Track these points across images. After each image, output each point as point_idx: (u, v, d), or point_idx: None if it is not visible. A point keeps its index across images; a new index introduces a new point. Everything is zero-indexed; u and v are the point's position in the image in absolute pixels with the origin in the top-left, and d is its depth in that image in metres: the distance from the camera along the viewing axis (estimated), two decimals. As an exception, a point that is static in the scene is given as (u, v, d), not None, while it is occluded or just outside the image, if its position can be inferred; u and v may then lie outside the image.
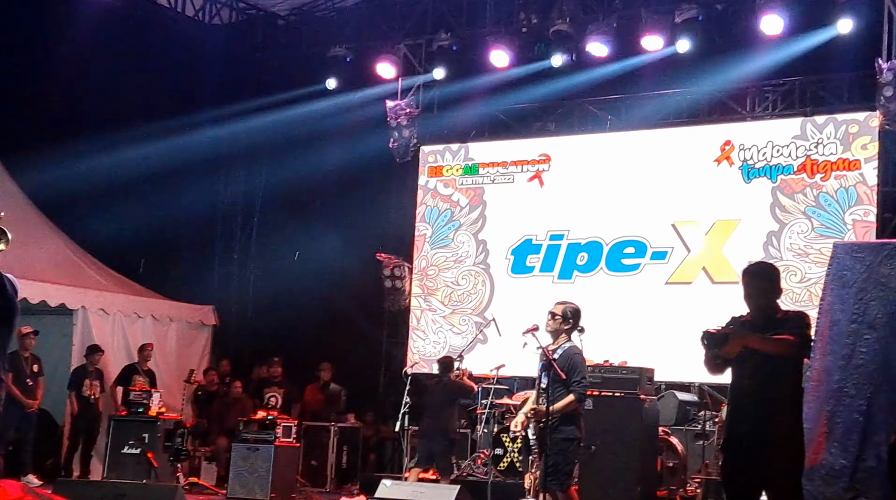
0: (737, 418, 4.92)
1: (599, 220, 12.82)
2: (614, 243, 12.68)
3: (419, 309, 13.92)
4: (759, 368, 4.79)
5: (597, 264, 12.75)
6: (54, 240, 13.13)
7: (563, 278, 12.94)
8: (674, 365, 11.87)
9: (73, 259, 13.25)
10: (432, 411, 10.63)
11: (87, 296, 12.69)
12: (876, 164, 11.32)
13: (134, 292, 13.68)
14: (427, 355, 13.53)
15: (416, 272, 14.01)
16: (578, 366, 7.27)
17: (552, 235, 13.11)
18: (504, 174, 13.61)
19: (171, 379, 13.33)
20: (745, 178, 12.02)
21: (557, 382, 7.08)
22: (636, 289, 12.45)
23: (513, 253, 13.40)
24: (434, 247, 13.96)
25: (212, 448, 12.90)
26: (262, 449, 11.18)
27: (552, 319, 7.40)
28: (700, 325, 12.66)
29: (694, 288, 12.15)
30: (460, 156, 13.97)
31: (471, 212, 13.78)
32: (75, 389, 12.16)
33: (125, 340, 13.04)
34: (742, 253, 11.93)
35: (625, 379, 10.31)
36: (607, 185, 12.85)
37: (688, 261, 12.24)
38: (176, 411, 12.44)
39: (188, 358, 13.90)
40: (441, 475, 10.34)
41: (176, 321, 13.94)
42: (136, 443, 11.32)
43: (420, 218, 14.10)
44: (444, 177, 14.03)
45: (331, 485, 12.74)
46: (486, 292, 13.50)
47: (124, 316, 13.18)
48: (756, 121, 12.22)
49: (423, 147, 14.23)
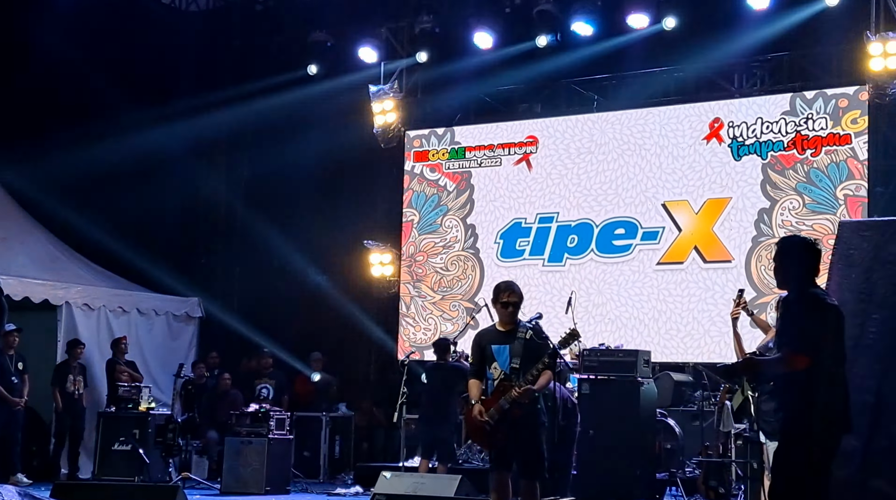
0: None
1: (589, 201, 12.71)
2: (604, 225, 12.58)
3: (408, 296, 13.79)
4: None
5: (587, 246, 12.65)
6: (35, 235, 12.92)
7: (554, 261, 12.84)
8: (668, 346, 11.87)
9: (56, 254, 13.04)
10: (431, 397, 10.51)
11: (70, 291, 12.49)
12: (866, 138, 11.25)
13: (118, 286, 13.49)
14: (418, 342, 13.42)
15: (404, 259, 13.87)
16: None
17: (541, 218, 12.99)
18: (491, 157, 13.47)
19: (160, 373, 13.18)
20: (734, 155, 11.94)
21: (530, 362, 6.95)
22: (628, 270, 12.37)
23: (502, 237, 13.28)
24: (422, 233, 13.82)
25: (203, 442, 12.74)
26: (256, 442, 11.04)
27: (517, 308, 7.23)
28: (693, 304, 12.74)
29: (686, 268, 12.08)
30: (446, 140, 13.82)
31: (458, 196, 13.64)
32: (59, 385, 11.98)
33: (111, 334, 12.84)
34: (733, 232, 11.89)
35: (621, 362, 10.25)
36: (596, 166, 12.74)
37: (679, 240, 12.16)
38: (165, 405, 12.28)
39: (175, 352, 13.73)
40: (443, 463, 10.22)
41: (162, 315, 13.77)
42: (127, 439, 11.17)
43: (407, 204, 13.95)
44: (431, 161, 13.88)
45: (324, 476, 12.63)
46: (476, 277, 13.39)
47: (109, 311, 13.00)
48: (745, 97, 12.11)
49: (408, 132, 14.05)
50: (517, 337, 7.06)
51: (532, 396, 6.97)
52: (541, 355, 6.99)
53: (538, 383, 6.97)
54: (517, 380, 6.96)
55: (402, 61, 13.96)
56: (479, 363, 7.23)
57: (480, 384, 7.16)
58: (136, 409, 11.58)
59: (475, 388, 7.16)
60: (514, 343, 7.04)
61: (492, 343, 7.18)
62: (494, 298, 7.26)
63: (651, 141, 12.45)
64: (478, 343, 7.33)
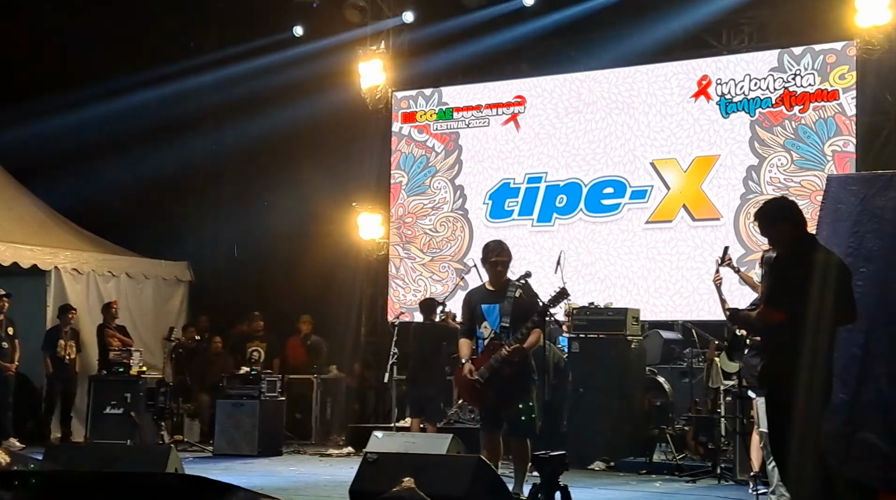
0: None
1: (577, 161, 12.68)
2: (593, 184, 12.56)
3: (398, 258, 13.78)
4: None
5: (576, 206, 12.64)
6: (23, 201, 12.88)
7: (543, 221, 12.83)
8: (657, 304, 11.90)
9: (44, 219, 13.01)
10: (418, 357, 10.57)
11: (59, 256, 12.47)
12: (854, 93, 11.22)
13: (107, 250, 13.46)
14: (408, 304, 13.42)
15: (393, 221, 13.84)
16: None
17: (530, 178, 12.97)
18: (479, 118, 13.41)
19: (150, 337, 13.19)
20: (723, 113, 11.91)
21: (520, 321, 6.98)
22: (617, 229, 12.37)
23: (490, 197, 13.25)
24: (410, 194, 13.78)
25: (194, 405, 12.79)
26: (247, 404, 11.10)
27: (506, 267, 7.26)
28: (682, 262, 12.75)
29: (674, 226, 12.09)
30: (433, 101, 13.74)
31: (446, 157, 13.60)
32: (50, 350, 11.98)
33: (100, 299, 12.84)
34: (722, 189, 11.89)
35: (610, 321, 10.33)
36: (584, 125, 12.69)
37: (668, 199, 12.15)
38: (156, 369, 12.30)
39: (165, 315, 13.76)
40: (430, 422, 10.28)
41: (151, 278, 13.77)
42: (119, 403, 11.19)
43: (395, 165, 13.90)
44: (418, 123, 13.81)
45: (316, 437, 12.70)
46: (465, 238, 13.38)
47: (98, 275, 13.00)
48: (733, 54, 12.05)
49: (396, 93, 13.97)
50: (507, 296, 7.09)
51: (522, 354, 7.01)
52: (531, 314, 7.03)
53: (528, 341, 7.02)
54: (507, 339, 7.00)
55: (389, 21, 13.86)
56: (470, 322, 7.26)
57: (471, 343, 7.20)
58: (126, 373, 11.58)
59: (465, 347, 7.20)
60: (504, 302, 7.08)
61: (482, 302, 7.21)
62: (484, 257, 7.28)
63: (639, 99, 12.40)
64: (468, 303, 7.36)
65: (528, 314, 7.02)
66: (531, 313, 7.03)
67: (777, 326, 5.17)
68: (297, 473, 9.44)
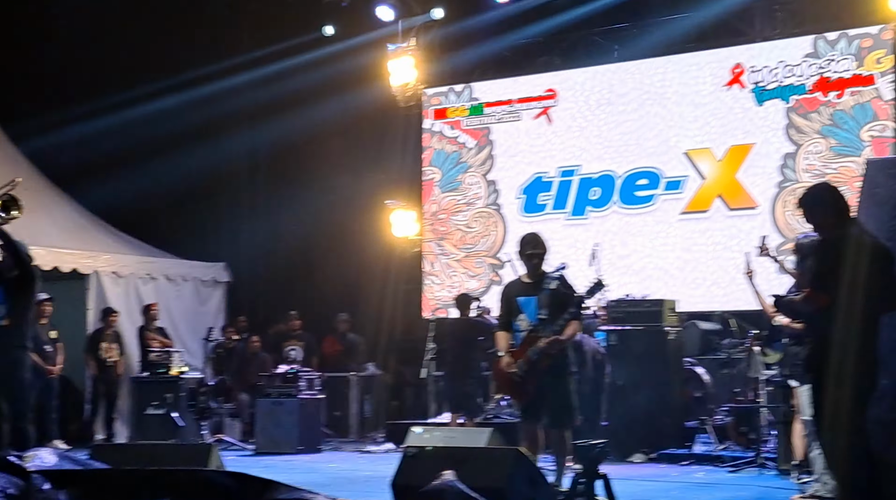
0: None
1: (610, 153, 12.64)
2: (627, 175, 12.52)
3: (432, 254, 13.81)
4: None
5: (610, 198, 12.60)
6: (62, 206, 13.03)
7: (577, 214, 12.81)
8: (694, 295, 11.82)
9: (83, 224, 13.16)
10: (455, 352, 10.58)
11: (98, 260, 12.60)
12: (891, 77, 11.09)
13: (145, 253, 13.58)
14: (443, 300, 13.44)
15: (426, 217, 13.87)
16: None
17: (563, 172, 12.94)
18: (510, 113, 13.40)
19: (189, 338, 13.28)
20: (757, 100, 11.81)
21: (557, 313, 6.97)
22: (651, 220, 12.32)
23: (524, 192, 13.25)
24: (444, 190, 13.80)
25: (234, 404, 12.88)
26: (287, 403, 11.16)
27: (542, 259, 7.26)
28: (719, 253, 12.68)
29: (710, 216, 12.02)
30: (465, 96, 13.75)
31: (478, 153, 13.60)
32: (92, 352, 12.12)
33: (139, 301, 12.95)
34: (757, 178, 11.80)
35: (647, 312, 10.28)
36: (617, 116, 12.65)
37: (703, 189, 12.08)
38: (196, 369, 12.40)
39: (204, 316, 13.83)
40: (468, 417, 10.29)
41: (189, 280, 13.87)
42: (160, 404, 11.30)
43: (427, 162, 13.93)
44: (450, 119, 13.83)
45: (355, 434, 12.75)
46: (499, 234, 13.38)
47: (137, 278, 13.10)
48: (766, 41, 11.94)
49: (426, 90, 14.00)
50: (543, 288, 7.08)
51: (560, 346, 7.00)
52: (567, 305, 7.01)
53: (565, 333, 7.01)
54: (545, 331, 6.99)
55: (418, 18, 13.88)
56: (507, 315, 7.26)
57: (508, 336, 7.20)
58: (167, 374, 11.69)
59: (503, 340, 7.20)
60: (541, 294, 7.07)
61: (518, 295, 7.21)
62: (520, 250, 7.27)
63: (672, 89, 12.34)
64: (505, 296, 7.36)
65: (565, 306, 7.01)
66: (568, 305, 7.02)
67: (822, 311, 5.15)
68: (337, 469, 9.49)
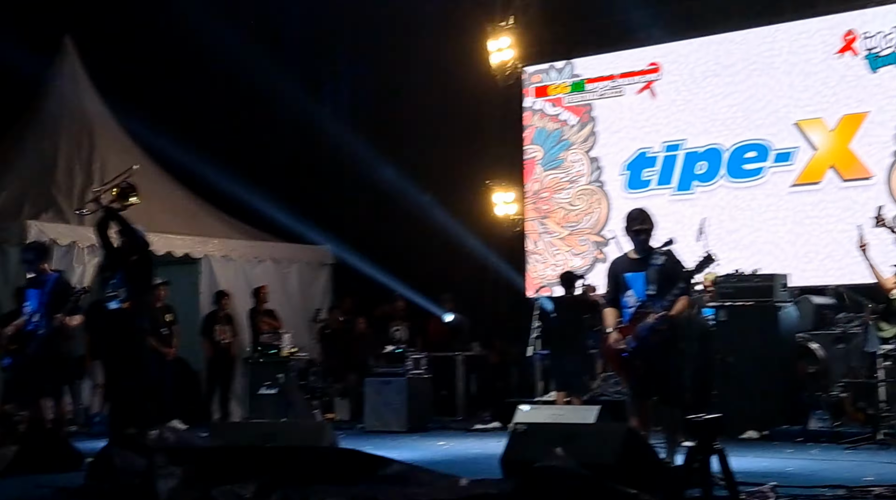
0: None
1: (717, 126, 12.38)
2: (734, 148, 12.24)
3: (535, 233, 13.76)
4: None
5: (717, 172, 12.35)
6: (174, 192, 13.39)
7: (682, 189, 12.59)
8: (807, 269, 11.52)
9: (194, 209, 13.50)
10: (560, 330, 10.53)
11: (209, 244, 12.92)
12: None
13: (253, 237, 13.87)
14: (547, 278, 13.38)
15: (529, 196, 13.82)
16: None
17: (668, 146, 12.73)
18: (613, 88, 13.24)
19: (297, 319, 13.51)
20: (870, 68, 11.40)
21: (666, 288, 6.85)
22: (761, 194, 12.04)
23: (628, 168, 13.08)
24: (546, 169, 13.73)
25: (343, 384, 13.09)
26: (395, 382, 11.28)
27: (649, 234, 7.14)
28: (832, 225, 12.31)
29: (822, 188, 11.68)
30: (566, 73, 13.63)
31: (581, 130, 13.48)
32: (207, 335, 12.45)
33: (248, 284, 13.21)
34: (872, 147, 11.42)
35: (757, 287, 10.06)
36: (723, 89, 12.37)
37: (814, 160, 11.75)
38: (305, 350, 12.63)
39: (311, 298, 14.08)
40: (575, 395, 10.25)
41: (295, 263, 14.10)
42: (272, 384, 11.55)
43: (529, 141, 13.86)
44: (551, 96, 13.73)
45: (462, 413, 12.82)
46: (603, 211, 13.25)
47: (246, 261, 13.39)
48: (880, 6, 11.50)
49: (526, 68, 13.92)
50: (651, 264, 6.99)
51: (669, 321, 6.90)
52: (676, 281, 6.91)
53: (675, 308, 6.91)
54: (653, 307, 6.90)
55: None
56: (614, 292, 7.20)
57: (616, 313, 7.13)
58: (278, 355, 11.95)
59: (611, 316, 7.14)
60: (649, 270, 6.98)
61: (625, 271, 7.13)
62: (627, 226, 7.19)
63: (780, 58, 12.00)
64: (612, 272, 7.29)
65: (673, 281, 6.90)
66: (676, 281, 6.91)
67: None
68: (446, 447, 9.56)
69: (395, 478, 5.66)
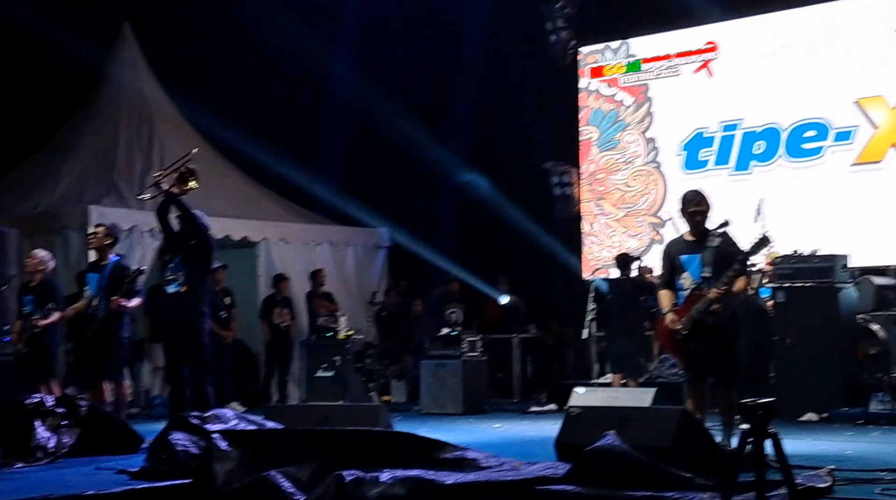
0: None
1: (775, 105, 12.19)
2: (793, 128, 12.06)
3: (591, 214, 13.70)
4: None
5: (775, 152, 12.18)
6: (231, 176, 13.55)
7: (740, 169, 12.45)
8: (868, 250, 11.30)
9: (251, 193, 13.65)
10: (616, 312, 10.51)
11: (267, 228, 13.07)
12: None
13: (310, 220, 14.00)
14: (603, 260, 13.33)
15: (584, 177, 13.76)
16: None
17: (725, 126, 12.58)
18: (669, 68, 13.10)
19: (354, 302, 13.62)
20: (934, 43, 11.15)
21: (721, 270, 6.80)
22: (820, 173, 11.85)
23: (685, 148, 12.95)
24: (602, 150, 13.65)
25: (399, 366, 13.19)
26: (450, 364, 11.32)
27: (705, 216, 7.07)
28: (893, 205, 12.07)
29: (884, 167, 11.46)
30: (621, 53, 13.52)
31: (636, 110, 13.37)
32: (266, 318, 12.59)
33: (305, 267, 13.34)
34: (936, 125, 11.17)
35: (817, 268, 9.92)
36: (781, 67, 12.18)
37: (875, 139, 11.52)
38: (361, 332, 12.73)
39: (367, 281, 14.17)
40: (631, 378, 10.23)
41: (352, 246, 14.20)
42: (329, 366, 11.67)
43: (584, 122, 13.79)
44: (606, 77, 13.63)
45: (518, 395, 12.85)
46: (660, 192, 13.14)
47: (303, 244, 13.51)
48: (944, -20, 11.25)
49: (582, 48, 13.83)
50: (707, 246, 6.95)
51: (726, 301, 6.86)
52: (731, 263, 6.85)
53: (735, 287, 6.86)
54: (709, 289, 6.86)
55: (572, -23, 13.69)
56: (669, 274, 7.16)
57: (671, 295, 7.10)
58: (335, 337, 12.06)
59: (666, 298, 7.11)
60: (705, 252, 6.93)
61: (681, 253, 7.09)
62: (682, 208, 7.14)
63: (841, 36, 11.78)
64: (667, 254, 7.25)
65: (729, 263, 6.85)
66: (732, 262, 6.86)
67: None
68: (502, 430, 9.60)
69: (451, 461, 5.71)
